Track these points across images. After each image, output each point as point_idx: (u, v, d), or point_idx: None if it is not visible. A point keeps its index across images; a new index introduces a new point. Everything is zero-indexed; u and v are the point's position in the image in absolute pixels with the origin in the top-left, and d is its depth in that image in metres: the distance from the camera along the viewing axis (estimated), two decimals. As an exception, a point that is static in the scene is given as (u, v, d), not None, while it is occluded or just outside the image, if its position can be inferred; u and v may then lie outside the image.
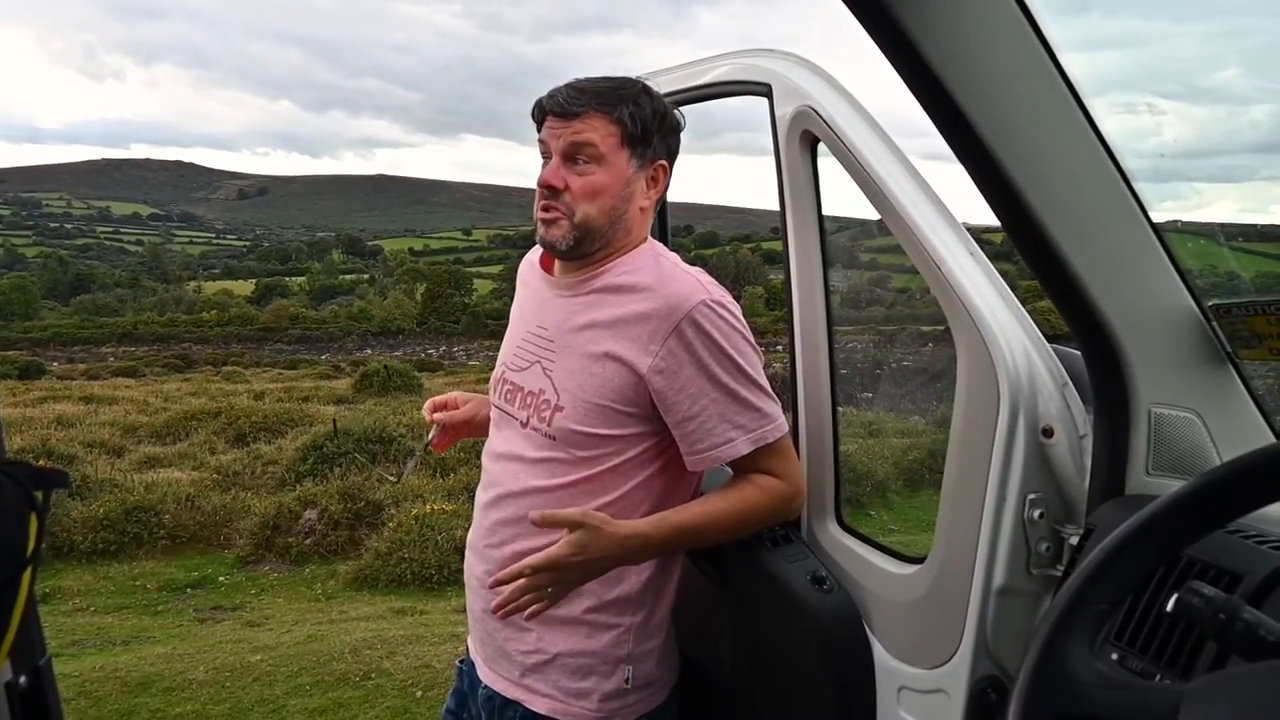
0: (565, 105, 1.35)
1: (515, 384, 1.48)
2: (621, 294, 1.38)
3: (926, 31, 0.93)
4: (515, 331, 1.54)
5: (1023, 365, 1.22)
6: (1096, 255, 1.10)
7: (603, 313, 1.38)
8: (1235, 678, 0.63)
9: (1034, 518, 1.25)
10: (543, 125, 1.39)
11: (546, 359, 1.43)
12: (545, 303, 1.48)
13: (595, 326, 1.38)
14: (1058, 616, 0.70)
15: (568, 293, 1.44)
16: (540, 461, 1.40)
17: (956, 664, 1.30)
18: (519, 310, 1.56)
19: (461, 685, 1.59)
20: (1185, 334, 1.15)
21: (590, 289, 1.41)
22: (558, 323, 1.43)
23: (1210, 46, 76.16)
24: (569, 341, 1.40)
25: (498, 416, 1.53)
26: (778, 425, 1.38)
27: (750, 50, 1.62)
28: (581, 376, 1.37)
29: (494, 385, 1.54)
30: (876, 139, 1.36)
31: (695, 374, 1.32)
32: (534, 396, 1.42)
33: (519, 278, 1.61)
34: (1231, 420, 1.17)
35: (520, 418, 1.45)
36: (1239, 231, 1.54)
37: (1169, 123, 1.47)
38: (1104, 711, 0.65)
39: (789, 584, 1.43)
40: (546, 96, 1.38)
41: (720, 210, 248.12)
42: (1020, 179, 1.03)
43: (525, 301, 1.55)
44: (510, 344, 1.54)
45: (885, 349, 11.35)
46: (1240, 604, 0.70)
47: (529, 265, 1.58)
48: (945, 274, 1.27)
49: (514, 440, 1.46)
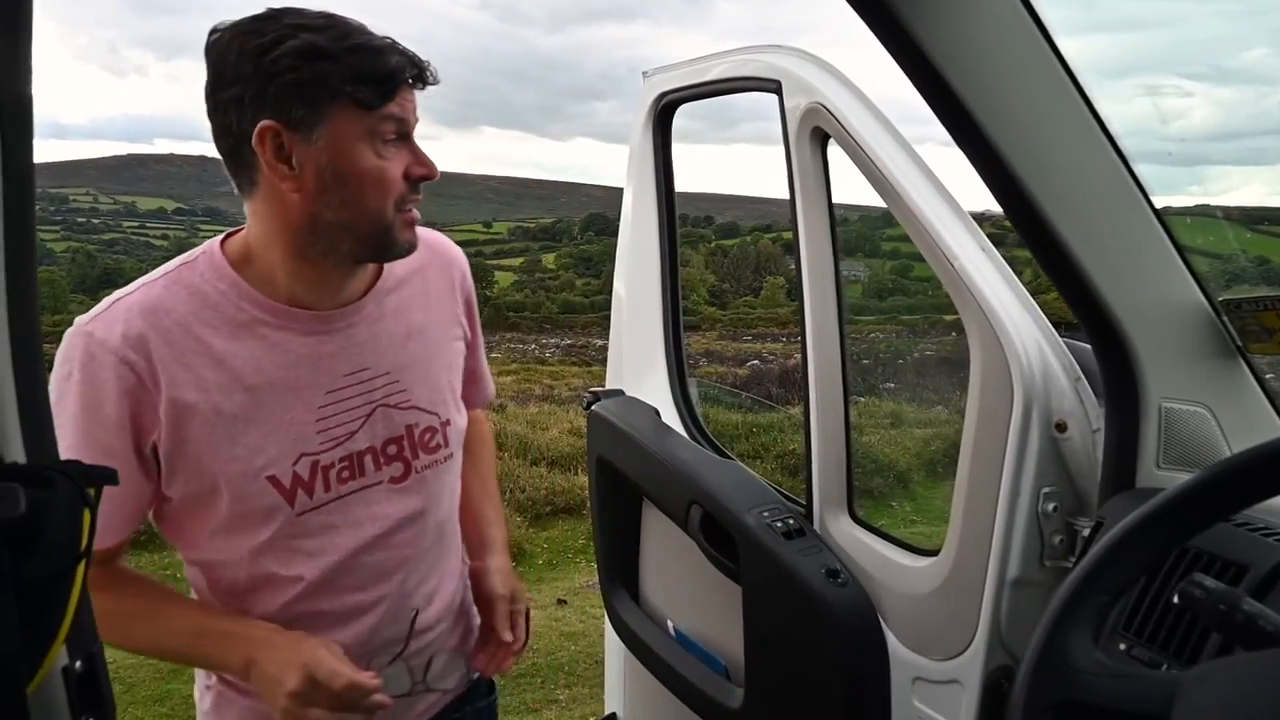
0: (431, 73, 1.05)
1: (352, 453, 1.11)
2: (405, 282, 1.18)
3: (926, 23, 0.94)
4: (280, 414, 1.06)
5: (1036, 360, 1.24)
6: (1105, 251, 1.11)
7: (406, 302, 1.17)
8: (1230, 666, 0.65)
9: (1048, 511, 1.26)
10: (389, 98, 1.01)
11: (389, 398, 1.13)
12: (324, 349, 1.09)
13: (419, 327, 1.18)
14: (1061, 607, 0.72)
15: (347, 320, 1.11)
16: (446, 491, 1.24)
17: (971, 655, 1.32)
18: (241, 393, 1.04)
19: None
20: (1195, 329, 1.16)
21: (373, 298, 1.14)
22: (382, 353, 1.13)
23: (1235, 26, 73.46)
24: (410, 360, 1.16)
25: (321, 518, 1.10)
26: None
27: (760, 46, 1.64)
28: (444, 376, 1.21)
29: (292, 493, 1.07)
30: (887, 135, 1.37)
31: (476, 319, 1.30)
32: (399, 442, 1.15)
33: (145, 369, 1.00)
34: (1243, 414, 1.18)
35: (387, 476, 1.14)
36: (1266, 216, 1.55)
37: (1195, 105, 1.48)
38: (1104, 700, 0.67)
39: (803, 577, 1.46)
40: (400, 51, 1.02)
41: (740, 200, 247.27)
42: (1026, 176, 1.04)
43: (240, 377, 1.04)
44: (288, 431, 1.07)
45: (908, 339, 11.30)
46: (1241, 595, 0.72)
47: (165, 334, 1.02)
48: (958, 270, 1.28)
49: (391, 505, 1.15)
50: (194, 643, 1.08)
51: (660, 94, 1.92)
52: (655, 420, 1.87)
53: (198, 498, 1.06)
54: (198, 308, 1.04)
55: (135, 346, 1.00)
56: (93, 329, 1.01)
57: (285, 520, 1.08)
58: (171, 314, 1.03)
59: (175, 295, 1.04)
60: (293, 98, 0.97)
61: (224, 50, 0.98)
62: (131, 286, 1.07)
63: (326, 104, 0.98)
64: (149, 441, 1.02)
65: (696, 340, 28.19)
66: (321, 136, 0.99)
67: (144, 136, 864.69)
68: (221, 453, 1.03)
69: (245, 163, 1.02)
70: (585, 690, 3.97)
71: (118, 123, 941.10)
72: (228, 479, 1.04)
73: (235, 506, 1.05)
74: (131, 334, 1.00)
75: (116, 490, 0.86)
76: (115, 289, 1.08)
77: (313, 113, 0.98)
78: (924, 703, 1.40)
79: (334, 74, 0.97)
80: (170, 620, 1.09)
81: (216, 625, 1.08)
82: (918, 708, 1.41)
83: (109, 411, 1.00)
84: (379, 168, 1.02)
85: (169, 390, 1.01)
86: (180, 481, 1.04)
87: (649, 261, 2.01)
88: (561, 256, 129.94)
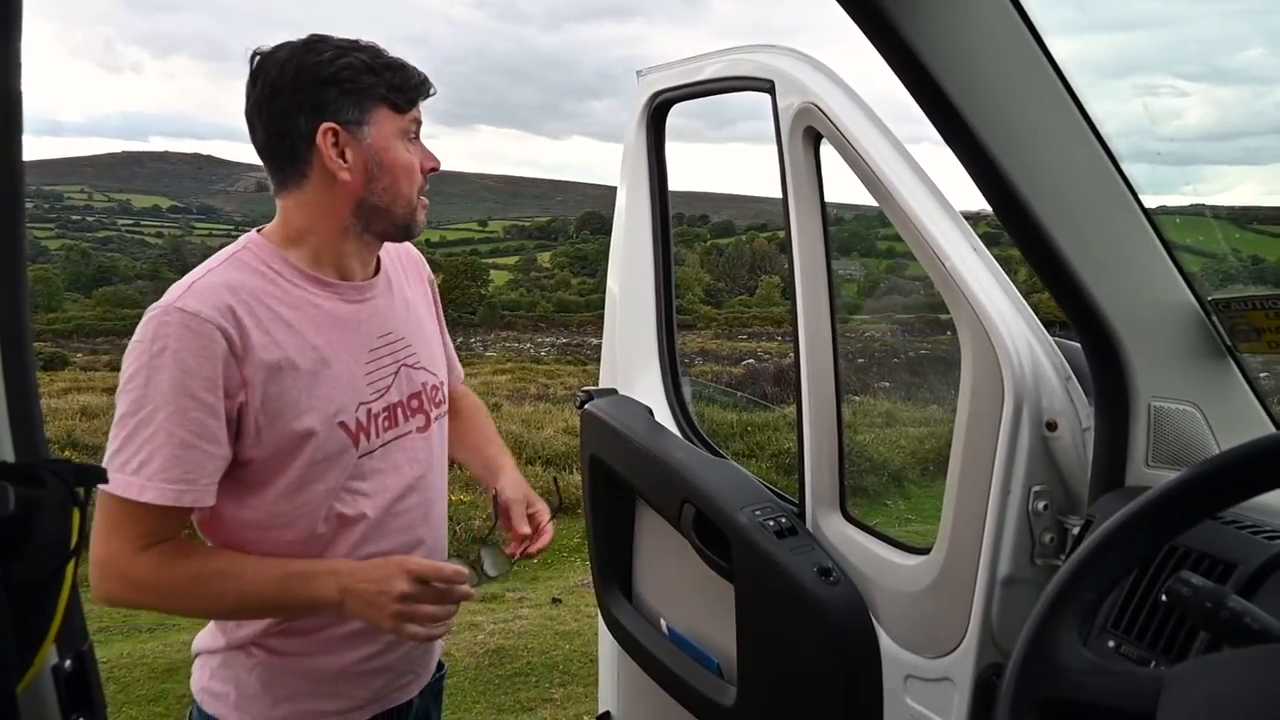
0: (430, 87, 1.30)
1: (391, 404, 1.31)
2: (390, 267, 1.41)
3: (915, 22, 0.94)
4: (340, 369, 1.25)
5: (1027, 359, 1.25)
6: (1095, 251, 1.11)
7: (400, 288, 1.41)
8: (1215, 663, 0.65)
9: (1038, 509, 1.27)
10: (414, 104, 1.27)
11: (407, 359, 1.36)
12: (355, 317, 1.29)
13: (408, 301, 1.42)
14: (1048, 605, 0.73)
15: (373, 292, 1.34)
16: (445, 439, 1.47)
17: (962, 653, 1.33)
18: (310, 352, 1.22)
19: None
20: (1184, 328, 1.17)
21: (383, 276, 1.38)
22: (397, 321, 1.36)
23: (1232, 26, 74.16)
24: (415, 328, 1.40)
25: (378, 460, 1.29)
26: None
27: (753, 46, 1.64)
28: (434, 346, 1.47)
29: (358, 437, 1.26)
30: (879, 135, 1.38)
31: (437, 311, 1.53)
32: (419, 396, 1.37)
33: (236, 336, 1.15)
34: (1232, 413, 1.19)
35: (414, 426, 1.36)
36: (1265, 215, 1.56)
37: (1191, 105, 1.49)
38: (1090, 696, 0.68)
39: (796, 576, 1.46)
40: (415, 75, 1.26)
41: (736, 199, 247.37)
42: (1016, 176, 1.05)
43: (305, 339, 1.22)
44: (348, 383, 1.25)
45: (904, 338, 11.32)
46: (1227, 593, 0.73)
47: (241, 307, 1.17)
48: (949, 270, 1.29)
49: (421, 451, 1.37)
50: (284, 588, 1.19)
51: (654, 93, 1.92)
52: (648, 419, 1.88)
53: (280, 453, 1.20)
54: (262, 283, 1.22)
55: (226, 316, 1.15)
56: (184, 305, 1.14)
57: (350, 463, 1.25)
58: (245, 288, 1.19)
59: (241, 275, 1.21)
60: (348, 103, 1.21)
61: (283, 67, 1.19)
62: (197, 272, 1.21)
63: (372, 108, 1.22)
64: (235, 404, 1.16)
65: (692, 339, 28.19)
66: (369, 135, 1.23)
67: (139, 134, 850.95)
68: (303, 402, 1.20)
69: (301, 159, 1.22)
70: (580, 689, 3.98)
71: (113, 120, 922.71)
72: (311, 426, 1.20)
73: (316, 453, 1.21)
74: (222, 305, 1.15)
75: (220, 450, 1.14)
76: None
77: (363, 115, 1.22)
78: (916, 701, 1.41)
79: (377, 84, 1.22)
80: (256, 572, 1.20)
81: (301, 567, 1.21)
82: (910, 706, 1.41)
83: (207, 373, 1.13)
84: (409, 161, 1.27)
85: (258, 353, 1.16)
86: (267, 439, 1.19)
87: (642, 260, 2.01)
88: (557, 255, 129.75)
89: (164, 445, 1.12)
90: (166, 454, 1.12)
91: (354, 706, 1.34)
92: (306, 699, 1.30)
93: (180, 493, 1.13)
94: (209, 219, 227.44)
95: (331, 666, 1.30)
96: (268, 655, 1.29)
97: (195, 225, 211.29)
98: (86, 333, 63.49)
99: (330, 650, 1.30)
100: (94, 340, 58.37)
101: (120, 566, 1.15)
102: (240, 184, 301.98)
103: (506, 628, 4.77)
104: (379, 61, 1.22)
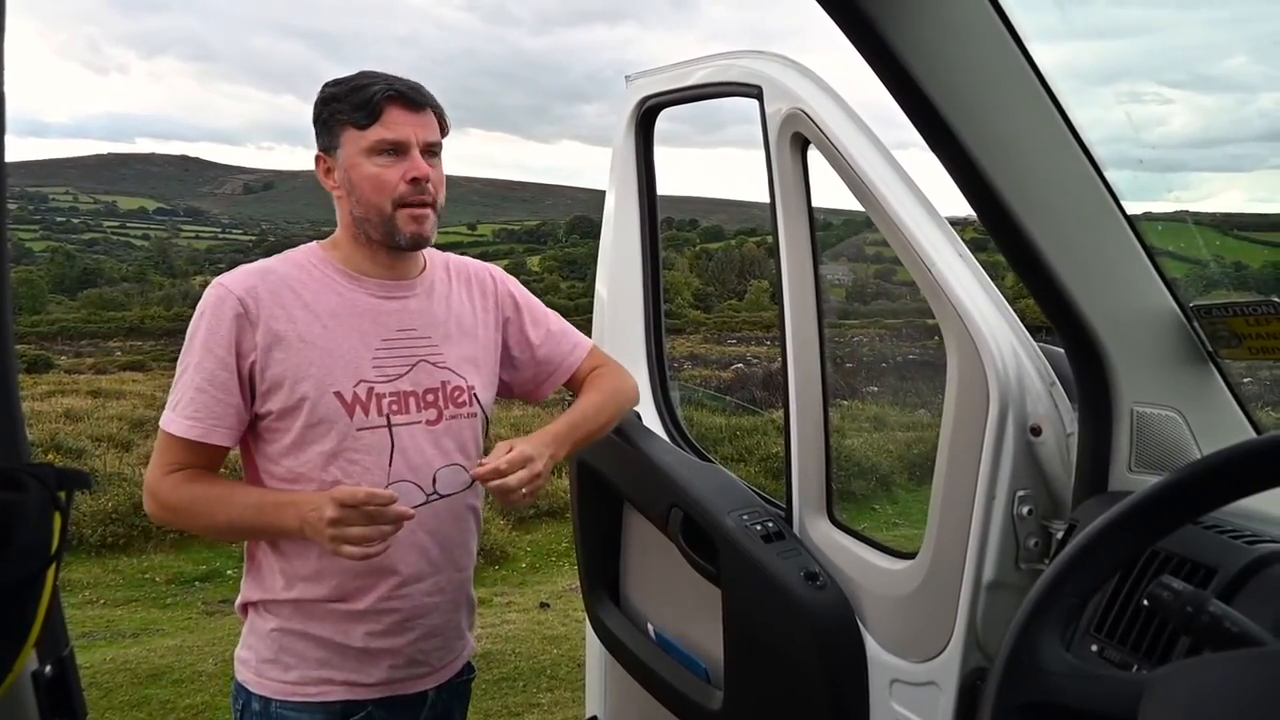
0: (417, 96, 1.41)
1: (400, 391, 1.43)
2: (446, 280, 1.55)
3: (898, 27, 0.95)
4: (347, 347, 1.41)
5: (1011, 365, 1.25)
6: (1078, 257, 1.12)
7: (450, 298, 1.53)
8: (1195, 667, 0.66)
9: (1023, 514, 1.28)
10: (381, 115, 1.37)
11: (429, 355, 1.47)
12: (381, 309, 1.45)
13: (454, 310, 1.53)
14: (1030, 610, 0.73)
15: (409, 292, 1.48)
16: (471, 441, 1.52)
17: (947, 657, 1.33)
18: (320, 328, 1.40)
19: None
20: (1166, 334, 1.18)
21: (427, 283, 1.51)
22: (428, 322, 1.48)
23: (1216, 33, 74.92)
24: (450, 333, 1.50)
25: (374, 437, 1.41)
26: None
27: (742, 52, 1.65)
28: (472, 355, 1.53)
29: (352, 408, 1.40)
30: (866, 141, 1.39)
31: (528, 315, 1.62)
32: (436, 392, 1.47)
33: (253, 305, 1.38)
34: (1214, 418, 1.20)
35: (424, 418, 1.45)
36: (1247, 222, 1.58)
37: (1176, 112, 1.50)
38: (1072, 700, 0.68)
39: (782, 580, 1.46)
40: (389, 83, 1.39)
41: (725, 204, 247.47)
42: (999, 182, 1.06)
43: (321, 319, 1.41)
44: (351, 360, 1.41)
45: (892, 343, 11.35)
46: (1207, 597, 0.73)
47: (275, 286, 1.41)
48: (935, 276, 1.29)
49: (426, 440, 1.45)
50: (259, 515, 1.38)
51: (643, 98, 1.92)
52: (636, 424, 1.88)
53: (284, 411, 1.40)
54: (296, 273, 1.44)
55: (247, 291, 1.39)
56: (223, 280, 1.41)
57: (346, 432, 1.40)
58: (275, 274, 1.43)
59: (281, 265, 1.46)
60: (323, 132, 1.44)
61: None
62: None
63: (340, 131, 1.41)
64: (247, 364, 1.38)
65: (681, 343, 28.24)
66: (341, 156, 1.42)
67: (125, 135, 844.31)
68: (303, 370, 1.39)
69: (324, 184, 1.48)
70: (568, 694, 3.97)
71: (99, 121, 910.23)
72: (307, 390, 1.38)
73: (311, 415, 1.39)
74: (247, 284, 1.40)
75: (229, 398, 1.38)
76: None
77: (334, 140, 1.42)
78: (901, 705, 1.41)
79: (341, 109, 1.40)
80: (241, 498, 1.41)
81: (274, 498, 1.39)
82: (895, 710, 1.42)
83: (224, 334, 1.38)
84: (375, 173, 1.40)
85: (267, 322, 1.38)
86: (273, 398, 1.39)
87: (631, 265, 2.01)
88: (546, 259, 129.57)
89: (188, 389, 1.38)
90: (189, 396, 1.38)
91: (361, 683, 1.45)
92: (314, 667, 1.44)
93: (189, 427, 1.38)
94: (196, 221, 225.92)
95: (337, 640, 1.43)
96: (281, 624, 1.44)
97: (182, 227, 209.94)
98: (71, 335, 62.93)
99: (335, 624, 1.43)
100: (78, 343, 57.88)
101: (153, 487, 1.41)
102: (227, 186, 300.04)
103: (494, 632, 4.75)
104: (347, 88, 1.40)
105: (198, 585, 6.81)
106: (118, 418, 12.74)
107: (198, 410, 1.37)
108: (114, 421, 12.22)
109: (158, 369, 32.37)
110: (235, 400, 1.39)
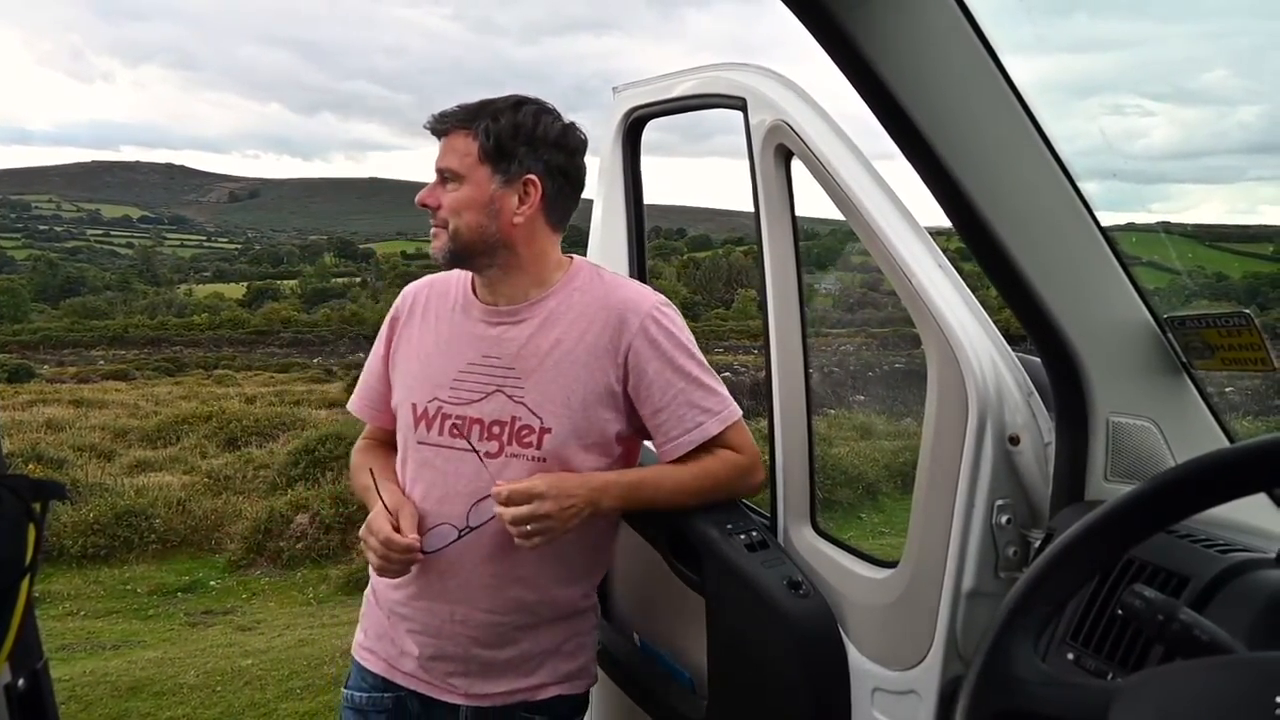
0: (434, 126, 1.48)
1: (466, 416, 1.46)
2: (574, 311, 1.48)
3: (869, 35, 0.96)
4: (438, 364, 1.51)
5: (990, 375, 1.27)
6: (1053, 268, 1.14)
7: (563, 331, 1.46)
8: (1165, 675, 0.67)
9: (1001, 523, 1.29)
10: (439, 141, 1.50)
11: (510, 387, 1.45)
12: (477, 333, 1.50)
13: (561, 345, 1.46)
14: (1004, 619, 0.74)
15: (511, 319, 1.49)
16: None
17: (928, 665, 1.34)
18: (431, 341, 1.54)
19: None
20: (1141, 345, 1.19)
21: (541, 313, 1.48)
22: (513, 350, 1.47)
23: (1197, 47, 76.17)
24: (537, 365, 1.45)
25: (431, 454, 1.49)
26: (734, 407, 1.53)
27: (726, 64, 1.66)
28: (563, 395, 1.45)
29: (418, 421, 1.50)
30: (848, 152, 1.40)
31: (661, 369, 1.46)
32: (504, 425, 1.45)
33: (407, 309, 1.60)
34: (1188, 428, 1.21)
35: (485, 449, 1.45)
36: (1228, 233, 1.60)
37: (1157, 125, 1.53)
38: (1044, 708, 0.69)
39: (766, 588, 1.47)
40: (430, 120, 1.49)
41: (712, 213, 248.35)
42: (974, 193, 1.07)
43: (436, 333, 1.54)
44: (435, 376, 1.50)
45: (878, 351, 11.40)
46: (1178, 606, 0.74)
47: (431, 296, 1.58)
48: (915, 286, 1.31)
49: (474, 472, 1.45)
50: (362, 493, 1.58)
51: (630, 109, 1.93)
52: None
53: (397, 405, 1.57)
54: (444, 291, 1.57)
55: (412, 299, 1.60)
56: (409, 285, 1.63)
57: (412, 441, 1.52)
58: (436, 287, 1.59)
59: (442, 281, 1.59)
60: None
61: None
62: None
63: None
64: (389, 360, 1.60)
65: (669, 352, 28.27)
66: None
67: (110, 143, 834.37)
68: (402, 376, 1.56)
69: None
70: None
71: (83, 129, 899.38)
72: (402, 396, 1.55)
73: (400, 419, 1.55)
74: (415, 291, 1.61)
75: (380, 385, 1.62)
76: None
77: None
78: (883, 713, 1.42)
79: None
80: (362, 479, 1.56)
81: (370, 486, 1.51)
82: (877, 718, 1.42)
83: (385, 331, 1.62)
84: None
85: (405, 328, 1.58)
86: (393, 394, 1.58)
87: (618, 274, 2.01)
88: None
89: (363, 373, 1.67)
90: (361, 379, 1.67)
91: (396, 654, 1.54)
92: (372, 635, 1.59)
93: (351, 402, 1.69)
94: (181, 229, 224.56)
95: (384, 610, 1.56)
96: (372, 594, 1.61)
97: (166, 235, 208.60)
98: (54, 344, 62.34)
99: (389, 597, 1.55)
100: (61, 352, 57.37)
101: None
102: (213, 194, 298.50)
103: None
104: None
105: (180, 596, 6.75)
106: (100, 427, 12.63)
107: (361, 392, 1.65)
108: (96, 431, 12.12)
109: (141, 378, 32.11)
110: (384, 388, 1.60)
